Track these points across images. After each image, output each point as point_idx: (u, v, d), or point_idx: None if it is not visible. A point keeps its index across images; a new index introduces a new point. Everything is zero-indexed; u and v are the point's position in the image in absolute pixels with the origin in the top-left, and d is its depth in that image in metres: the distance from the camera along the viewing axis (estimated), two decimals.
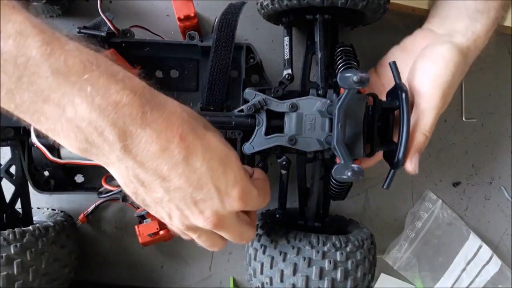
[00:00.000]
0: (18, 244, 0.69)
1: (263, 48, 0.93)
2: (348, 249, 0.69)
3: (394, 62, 0.67)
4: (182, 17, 0.86)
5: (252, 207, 0.58)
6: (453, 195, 1.03)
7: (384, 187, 0.66)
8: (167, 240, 0.82)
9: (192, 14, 0.86)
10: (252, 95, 0.67)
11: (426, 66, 0.70)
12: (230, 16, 0.72)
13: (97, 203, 0.91)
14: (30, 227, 0.73)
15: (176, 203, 0.52)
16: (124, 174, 0.50)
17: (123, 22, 0.81)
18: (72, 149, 0.48)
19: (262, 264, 0.72)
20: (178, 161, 0.49)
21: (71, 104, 0.44)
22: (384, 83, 0.79)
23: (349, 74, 0.59)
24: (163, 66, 0.80)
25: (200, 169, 0.50)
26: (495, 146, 1.03)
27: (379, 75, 0.81)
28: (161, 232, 0.78)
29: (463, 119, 1.01)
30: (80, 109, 0.44)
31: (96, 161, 0.49)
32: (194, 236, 0.59)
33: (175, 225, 0.56)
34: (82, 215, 0.92)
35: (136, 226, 0.83)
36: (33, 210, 0.85)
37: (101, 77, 0.45)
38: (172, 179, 0.50)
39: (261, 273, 0.72)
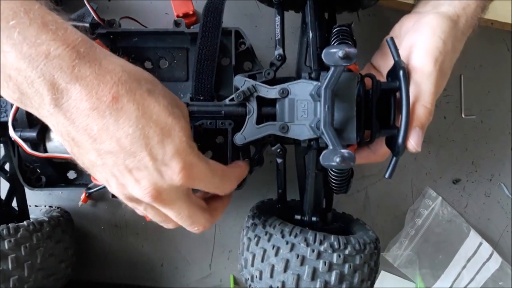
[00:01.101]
0: (12, 239, 0.64)
1: (262, 46, 0.87)
2: (346, 251, 0.60)
3: (392, 38, 0.57)
4: (180, 15, 0.83)
5: (203, 186, 0.51)
6: (453, 192, 0.96)
7: (386, 176, 0.55)
8: None
9: (191, 12, 0.83)
10: (242, 82, 0.58)
11: (413, 39, 0.62)
12: (217, 0, 0.65)
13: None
14: (25, 222, 0.69)
15: (110, 168, 0.45)
16: (57, 131, 0.44)
17: (121, 21, 0.74)
18: (9, 99, 0.43)
19: (254, 256, 0.64)
20: (109, 123, 0.42)
21: (1, 51, 0.40)
22: (384, 75, 0.69)
23: (334, 50, 0.50)
24: (152, 57, 0.74)
25: (133, 135, 0.43)
26: (495, 143, 0.96)
27: (377, 68, 0.71)
28: None
29: (463, 116, 0.95)
30: (9, 57, 0.40)
31: (32, 112, 0.44)
32: (140, 209, 0.52)
33: (116, 194, 0.49)
34: (84, 194, 0.86)
35: None
36: (30, 208, 0.80)
37: (31, 25, 0.40)
38: (102, 141, 0.43)
39: (252, 265, 0.64)
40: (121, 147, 0.43)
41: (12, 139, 0.63)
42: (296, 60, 0.74)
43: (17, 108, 0.61)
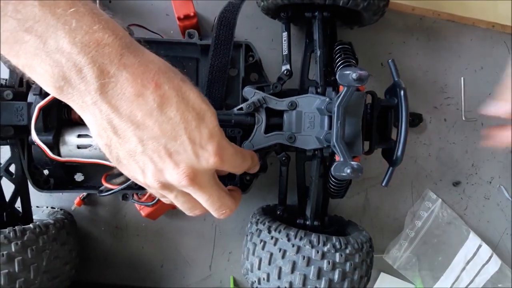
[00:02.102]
0: (19, 242, 0.69)
1: (263, 47, 0.93)
2: (347, 251, 0.69)
3: (393, 60, 0.67)
4: (181, 16, 0.87)
5: (230, 166, 0.57)
6: (453, 195, 1.03)
7: (383, 184, 0.66)
8: (173, 208, 0.82)
9: (192, 14, 0.87)
10: (252, 94, 0.68)
11: None
12: (229, 14, 0.71)
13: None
14: (31, 225, 0.73)
15: (150, 154, 0.51)
16: (98, 120, 0.49)
17: (122, 22, 0.80)
18: (47, 87, 0.47)
19: (260, 260, 0.72)
20: (153, 108, 0.49)
21: (54, 37, 0.44)
22: None
23: (348, 72, 0.59)
24: None
25: (174, 119, 0.50)
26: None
27: None
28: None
29: (463, 118, 1.01)
30: (62, 43, 0.44)
31: (70, 103, 0.49)
32: (171, 197, 0.57)
33: (150, 182, 0.53)
34: (78, 198, 0.93)
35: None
36: (32, 209, 0.84)
37: (87, 14, 0.45)
38: (146, 127, 0.49)
39: (259, 268, 0.72)
40: (163, 131, 0.49)
41: (35, 143, 0.66)
42: (299, 70, 0.82)
43: (39, 112, 0.66)
